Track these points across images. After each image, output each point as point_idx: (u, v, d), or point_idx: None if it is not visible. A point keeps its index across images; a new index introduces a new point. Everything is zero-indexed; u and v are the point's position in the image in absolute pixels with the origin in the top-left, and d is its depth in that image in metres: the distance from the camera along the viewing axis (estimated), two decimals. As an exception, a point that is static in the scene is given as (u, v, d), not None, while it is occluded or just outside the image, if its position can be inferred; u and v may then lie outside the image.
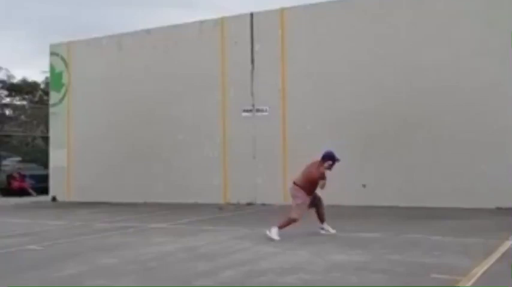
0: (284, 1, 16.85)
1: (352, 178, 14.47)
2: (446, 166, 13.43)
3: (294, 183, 9.06)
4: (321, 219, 9.27)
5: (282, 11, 15.73)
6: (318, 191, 9.16)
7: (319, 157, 9.10)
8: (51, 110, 19.87)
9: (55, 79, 19.78)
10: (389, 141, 14.14)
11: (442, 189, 13.36)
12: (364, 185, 9.43)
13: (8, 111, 39.12)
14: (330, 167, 9.02)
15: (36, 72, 51.99)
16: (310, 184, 8.94)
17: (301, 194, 8.88)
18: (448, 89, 13.56)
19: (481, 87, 13.22)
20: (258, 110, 15.78)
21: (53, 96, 19.86)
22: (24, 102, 39.21)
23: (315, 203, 9.20)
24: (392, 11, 14.46)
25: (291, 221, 8.76)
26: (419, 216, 11.53)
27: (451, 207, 12.59)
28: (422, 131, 13.79)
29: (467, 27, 13.50)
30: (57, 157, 19.25)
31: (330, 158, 9.01)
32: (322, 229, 9.21)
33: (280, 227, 8.69)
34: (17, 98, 38.96)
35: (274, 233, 8.58)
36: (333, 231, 9.15)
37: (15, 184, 22.12)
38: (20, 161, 27.53)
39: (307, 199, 8.92)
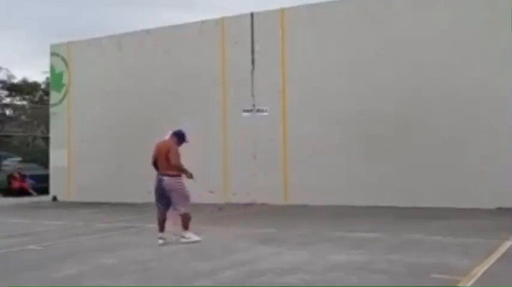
0: (284, 1, 16.88)
1: (352, 177, 14.49)
2: (446, 166, 13.43)
3: (165, 174, 8.37)
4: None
5: (282, 11, 15.73)
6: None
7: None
8: (52, 110, 19.89)
9: (55, 79, 19.80)
10: (389, 142, 14.14)
11: (442, 189, 13.36)
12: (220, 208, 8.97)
13: (8, 112, 39.17)
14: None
15: (36, 72, 52.09)
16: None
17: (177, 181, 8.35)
18: (449, 89, 13.56)
19: (482, 87, 13.21)
20: (258, 110, 15.78)
21: (54, 97, 19.88)
22: (25, 103, 39.26)
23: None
24: (392, 11, 14.46)
25: (189, 217, 8.36)
26: (419, 216, 11.53)
27: (451, 207, 12.59)
28: (422, 131, 13.78)
29: (468, 27, 13.50)
30: (57, 157, 19.27)
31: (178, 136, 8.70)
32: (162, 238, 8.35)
33: (187, 228, 8.35)
34: (18, 98, 39.02)
35: (191, 235, 8.31)
36: (195, 239, 8.37)
37: (16, 184, 22.13)
38: (20, 161, 27.54)
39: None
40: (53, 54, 19.81)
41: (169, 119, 17.05)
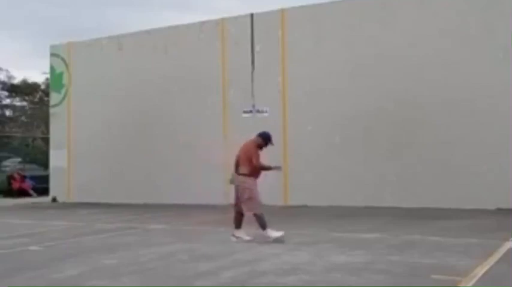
0: (284, 2, 16.89)
1: (351, 178, 14.49)
2: (446, 166, 13.44)
3: (238, 174, 8.66)
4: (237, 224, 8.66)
5: (282, 11, 15.74)
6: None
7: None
8: (52, 110, 19.89)
9: (55, 80, 19.80)
10: (389, 141, 14.15)
11: (442, 189, 13.37)
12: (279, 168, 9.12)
13: (8, 112, 39.14)
14: (259, 147, 8.70)
15: (36, 73, 51.97)
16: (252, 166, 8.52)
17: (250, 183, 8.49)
18: (448, 89, 13.57)
19: (482, 87, 13.23)
20: (258, 111, 15.79)
21: (53, 97, 19.88)
22: (25, 103, 39.23)
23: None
24: (392, 11, 14.48)
25: (260, 216, 8.44)
26: (419, 216, 11.54)
27: (451, 207, 12.61)
28: (422, 131, 13.80)
29: (469, 27, 13.51)
30: (57, 158, 19.26)
31: (263, 137, 8.74)
32: (234, 236, 8.59)
33: (264, 228, 8.43)
34: (17, 99, 38.98)
35: (274, 233, 8.40)
36: (247, 238, 8.51)
37: (16, 185, 22.12)
38: (20, 162, 27.54)
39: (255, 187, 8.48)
40: (52, 55, 19.81)
41: (170, 120, 17.13)
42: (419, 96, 13.86)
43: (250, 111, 15.88)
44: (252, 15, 16.14)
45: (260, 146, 8.77)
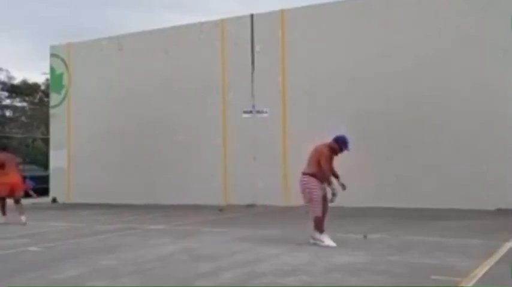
0: (285, 2, 16.88)
1: (352, 178, 14.44)
2: (446, 166, 13.44)
3: (303, 173, 8.36)
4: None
5: (282, 12, 15.75)
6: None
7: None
8: (52, 111, 19.89)
9: (55, 80, 19.80)
10: (389, 141, 14.15)
11: (442, 189, 13.36)
12: (365, 236, 8.52)
13: (8, 113, 39.12)
14: (334, 152, 8.34)
15: (36, 73, 51.92)
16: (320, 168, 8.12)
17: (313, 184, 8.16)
18: (449, 90, 13.57)
19: (482, 88, 13.23)
20: (258, 112, 15.79)
21: (53, 98, 19.88)
22: (25, 104, 39.22)
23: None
24: (392, 11, 14.48)
25: (319, 219, 8.22)
26: (419, 217, 11.54)
27: (451, 208, 12.60)
28: (423, 131, 13.80)
29: (469, 27, 13.51)
30: (57, 158, 19.27)
31: (337, 142, 8.33)
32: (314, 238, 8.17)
33: (319, 230, 8.17)
34: (18, 99, 38.96)
35: (328, 241, 8.03)
36: (327, 243, 7.98)
37: (16, 185, 22.06)
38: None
39: (319, 190, 8.14)
40: (52, 55, 19.81)
41: (170, 120, 17.13)
42: (419, 96, 13.86)
43: (250, 112, 15.89)
44: (252, 15, 16.15)
45: (335, 151, 8.43)
